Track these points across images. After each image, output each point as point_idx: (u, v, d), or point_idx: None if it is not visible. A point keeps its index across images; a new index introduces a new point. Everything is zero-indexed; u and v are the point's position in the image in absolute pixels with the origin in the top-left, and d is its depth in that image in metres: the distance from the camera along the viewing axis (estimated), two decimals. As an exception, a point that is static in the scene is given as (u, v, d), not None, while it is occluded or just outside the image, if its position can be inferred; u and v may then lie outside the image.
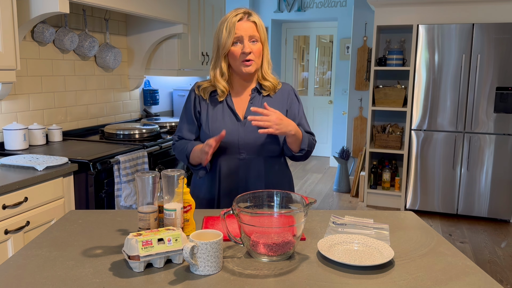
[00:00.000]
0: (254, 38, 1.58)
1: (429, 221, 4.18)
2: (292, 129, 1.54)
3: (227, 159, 1.65)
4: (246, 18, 1.59)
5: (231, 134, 1.62)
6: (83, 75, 3.08)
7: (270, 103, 1.66)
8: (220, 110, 1.66)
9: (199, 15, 3.71)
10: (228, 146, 1.63)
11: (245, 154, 1.64)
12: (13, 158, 2.17)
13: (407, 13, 4.23)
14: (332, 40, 6.91)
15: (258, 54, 1.60)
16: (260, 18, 1.64)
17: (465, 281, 1.04)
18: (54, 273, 1.05)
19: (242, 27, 1.57)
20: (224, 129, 1.59)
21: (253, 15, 1.61)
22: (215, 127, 1.64)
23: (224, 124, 1.63)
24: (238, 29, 1.57)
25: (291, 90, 1.73)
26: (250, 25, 1.58)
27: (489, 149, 4.09)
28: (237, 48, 1.58)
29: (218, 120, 1.65)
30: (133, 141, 2.77)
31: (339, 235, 1.25)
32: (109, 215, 1.48)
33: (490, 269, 3.17)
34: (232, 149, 1.64)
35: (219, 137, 1.53)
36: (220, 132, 1.57)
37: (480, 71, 4.01)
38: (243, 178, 1.65)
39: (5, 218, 1.84)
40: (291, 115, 1.70)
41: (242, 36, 1.57)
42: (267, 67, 1.67)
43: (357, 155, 5.16)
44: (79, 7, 2.93)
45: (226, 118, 1.65)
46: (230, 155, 1.64)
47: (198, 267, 1.04)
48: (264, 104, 1.51)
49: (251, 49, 1.58)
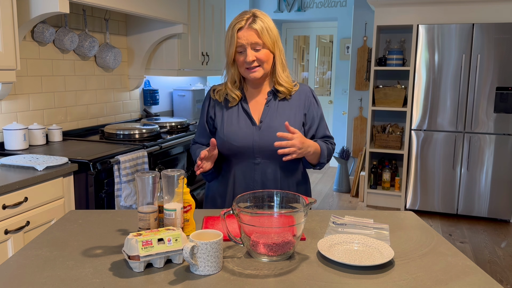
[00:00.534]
0: (257, 46, 1.55)
1: (429, 221, 4.18)
2: (312, 149, 1.54)
3: (242, 163, 1.64)
4: (248, 26, 1.54)
5: (246, 138, 1.60)
6: (83, 75, 3.08)
7: (287, 107, 1.64)
8: (236, 114, 1.65)
9: (199, 15, 3.71)
10: (243, 150, 1.61)
11: (261, 159, 1.62)
12: (13, 158, 2.17)
13: (407, 13, 4.23)
14: (332, 40, 6.91)
15: (265, 59, 1.57)
16: (267, 21, 1.57)
17: (465, 281, 1.04)
18: (54, 273, 1.05)
19: (243, 36, 1.54)
20: (239, 133, 1.60)
21: (257, 20, 1.55)
22: (230, 131, 1.62)
23: (239, 128, 1.62)
24: (239, 38, 1.54)
25: (309, 92, 1.69)
26: (252, 33, 1.54)
27: (489, 149, 4.09)
28: (241, 57, 1.57)
29: (233, 124, 1.63)
30: (133, 141, 2.77)
31: (339, 235, 1.25)
32: (109, 215, 1.48)
33: (490, 269, 3.17)
34: (247, 153, 1.62)
35: (212, 147, 1.53)
36: (236, 137, 1.58)
37: (480, 71, 4.01)
38: (259, 183, 1.63)
39: (5, 218, 1.84)
40: (310, 118, 1.67)
41: (244, 45, 1.55)
42: (281, 71, 1.63)
43: (357, 155, 5.16)
44: (79, 7, 2.93)
45: (241, 122, 1.63)
46: (245, 159, 1.63)
47: (198, 267, 1.04)
48: (285, 124, 1.48)
49: (255, 57, 1.55)
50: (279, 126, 1.60)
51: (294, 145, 1.47)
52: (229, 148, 1.63)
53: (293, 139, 1.46)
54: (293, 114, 1.64)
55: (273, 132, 1.54)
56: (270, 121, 1.62)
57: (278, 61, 1.62)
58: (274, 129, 1.58)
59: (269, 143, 1.57)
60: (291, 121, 1.61)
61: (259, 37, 1.55)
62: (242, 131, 1.61)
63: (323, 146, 1.63)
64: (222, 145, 1.64)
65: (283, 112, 1.64)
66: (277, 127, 1.60)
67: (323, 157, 1.62)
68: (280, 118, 1.62)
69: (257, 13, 1.58)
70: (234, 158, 1.65)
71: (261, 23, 1.55)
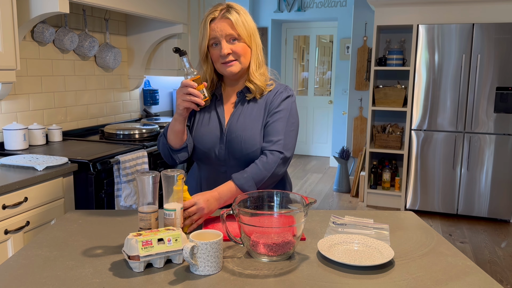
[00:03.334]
0: (232, 37, 1.43)
1: (429, 221, 4.18)
2: (223, 201, 1.39)
3: (208, 170, 1.54)
4: (221, 16, 1.43)
5: (212, 144, 1.49)
6: (83, 75, 3.08)
7: (252, 109, 1.50)
8: (208, 116, 1.53)
9: (199, 15, 3.71)
10: (208, 156, 1.50)
11: (226, 167, 1.50)
12: (13, 158, 2.17)
13: (407, 13, 4.23)
14: (332, 40, 6.91)
15: (241, 53, 1.44)
16: (243, 13, 1.45)
17: (465, 281, 1.03)
18: (54, 273, 1.05)
19: (216, 27, 1.42)
20: (206, 137, 1.49)
21: (232, 11, 1.43)
22: (198, 134, 1.51)
23: (208, 131, 1.50)
24: (212, 30, 1.43)
25: (280, 93, 1.51)
26: (225, 24, 1.42)
27: (489, 149, 4.09)
28: (216, 51, 1.45)
29: (203, 126, 1.52)
30: (133, 141, 2.77)
31: (339, 235, 1.25)
32: (109, 215, 1.48)
33: (490, 269, 3.17)
34: (212, 160, 1.50)
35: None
36: (202, 140, 1.47)
37: (480, 71, 4.01)
38: None
39: (5, 218, 1.84)
40: (267, 121, 1.49)
41: (217, 37, 1.43)
42: (254, 67, 1.49)
43: (357, 155, 5.16)
44: (79, 7, 2.93)
45: (212, 125, 1.51)
46: (211, 165, 1.52)
47: (198, 267, 1.04)
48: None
49: (231, 49, 1.43)
50: (241, 131, 1.46)
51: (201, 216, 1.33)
52: (196, 152, 1.53)
53: (193, 212, 1.31)
54: (258, 117, 1.49)
55: (234, 137, 1.45)
56: (234, 125, 1.49)
57: (253, 56, 1.48)
58: (235, 135, 1.46)
59: (234, 152, 1.46)
60: (253, 125, 1.47)
61: (234, 28, 1.42)
62: (210, 135, 1.49)
63: (241, 180, 1.41)
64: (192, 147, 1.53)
65: (249, 115, 1.49)
66: (239, 131, 1.46)
67: (244, 188, 1.41)
68: (244, 122, 1.48)
69: (232, 4, 1.46)
70: (201, 163, 1.55)
71: (236, 14, 1.43)
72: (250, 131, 1.47)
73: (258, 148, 1.47)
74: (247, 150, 1.46)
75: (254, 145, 1.46)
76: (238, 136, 1.47)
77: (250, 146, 1.46)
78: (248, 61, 1.48)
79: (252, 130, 1.47)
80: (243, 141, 1.46)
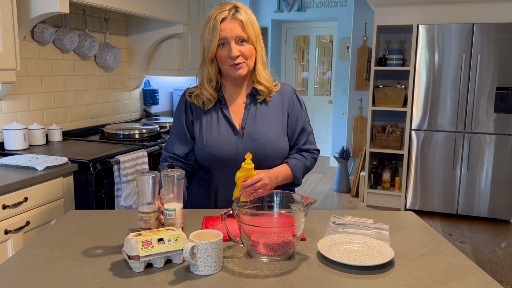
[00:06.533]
0: (242, 38, 1.42)
1: (429, 221, 4.18)
2: (280, 180, 1.46)
3: (224, 174, 1.51)
4: (231, 16, 1.41)
5: (229, 148, 1.48)
6: (83, 75, 3.08)
7: (268, 110, 1.52)
8: (216, 120, 1.51)
9: (199, 15, 3.71)
10: (225, 160, 1.49)
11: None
12: (13, 158, 2.17)
13: (407, 13, 4.23)
14: (332, 40, 6.91)
15: (249, 55, 1.44)
16: (250, 12, 1.45)
17: (465, 281, 1.03)
18: (54, 273, 1.05)
19: (227, 27, 1.40)
20: (220, 142, 1.48)
21: (241, 11, 1.42)
22: (211, 140, 1.49)
23: (221, 137, 1.49)
24: (222, 30, 1.40)
25: (292, 92, 1.57)
26: (236, 25, 1.40)
27: (489, 149, 4.09)
28: (224, 52, 1.42)
29: (213, 132, 1.49)
30: (133, 141, 2.77)
31: (339, 235, 1.25)
32: (109, 215, 1.47)
33: (490, 269, 3.17)
34: (229, 163, 1.49)
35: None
36: (217, 147, 1.46)
37: (480, 71, 4.01)
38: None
39: (5, 218, 1.84)
40: (292, 121, 1.55)
41: (227, 38, 1.40)
42: (261, 68, 1.49)
43: (357, 155, 5.16)
44: (79, 7, 2.93)
45: (222, 129, 1.49)
46: (227, 170, 1.49)
47: (198, 267, 1.04)
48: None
49: (240, 51, 1.42)
50: (263, 133, 1.49)
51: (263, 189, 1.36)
52: (210, 159, 1.50)
53: (259, 187, 1.36)
54: (276, 118, 1.52)
55: (256, 139, 1.46)
56: (252, 127, 1.49)
57: (259, 58, 1.48)
58: (257, 137, 1.48)
59: (253, 152, 1.46)
60: (273, 127, 1.51)
61: (244, 29, 1.41)
62: (224, 140, 1.48)
63: (297, 168, 1.51)
64: (202, 155, 1.51)
65: (266, 116, 1.51)
66: (260, 133, 1.49)
67: (297, 178, 1.52)
68: (263, 124, 1.50)
69: (239, 4, 1.44)
70: (216, 169, 1.53)
71: (245, 14, 1.42)
72: (272, 133, 1.51)
73: (281, 149, 1.52)
74: (271, 151, 1.50)
75: (278, 145, 1.51)
76: (260, 137, 1.49)
77: (274, 147, 1.50)
78: (253, 62, 1.48)
79: (274, 131, 1.51)
80: (267, 142, 1.49)
